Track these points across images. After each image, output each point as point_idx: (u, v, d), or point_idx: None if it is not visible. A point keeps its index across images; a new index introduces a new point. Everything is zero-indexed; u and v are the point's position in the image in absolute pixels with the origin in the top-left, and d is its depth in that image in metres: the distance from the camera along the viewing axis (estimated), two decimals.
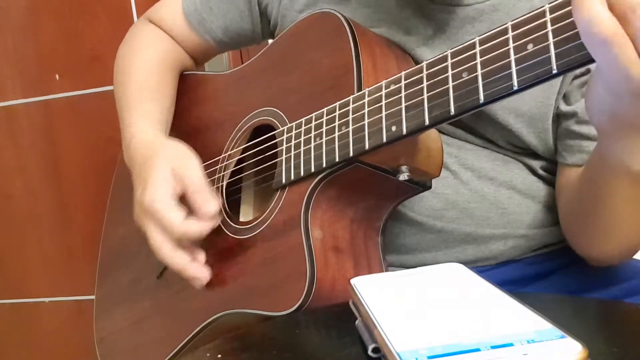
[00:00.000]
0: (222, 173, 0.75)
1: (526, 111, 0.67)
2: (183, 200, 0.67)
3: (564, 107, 0.67)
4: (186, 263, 0.66)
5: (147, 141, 0.74)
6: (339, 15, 0.66)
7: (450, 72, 0.51)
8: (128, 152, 0.76)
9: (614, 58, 0.40)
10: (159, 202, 0.65)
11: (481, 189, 0.70)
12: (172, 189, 0.66)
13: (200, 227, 0.65)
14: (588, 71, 0.66)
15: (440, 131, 0.65)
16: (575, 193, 0.65)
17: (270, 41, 0.80)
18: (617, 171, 0.54)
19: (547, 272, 0.73)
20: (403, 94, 0.55)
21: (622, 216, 0.59)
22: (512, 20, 0.47)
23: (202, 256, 0.68)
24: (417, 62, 0.69)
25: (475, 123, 0.69)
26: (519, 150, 0.70)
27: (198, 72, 0.89)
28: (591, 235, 0.64)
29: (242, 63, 0.80)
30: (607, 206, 0.59)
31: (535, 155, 0.71)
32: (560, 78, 0.66)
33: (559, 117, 0.68)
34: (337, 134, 0.60)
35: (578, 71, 0.66)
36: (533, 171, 0.72)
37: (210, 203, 0.65)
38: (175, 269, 0.67)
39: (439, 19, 0.68)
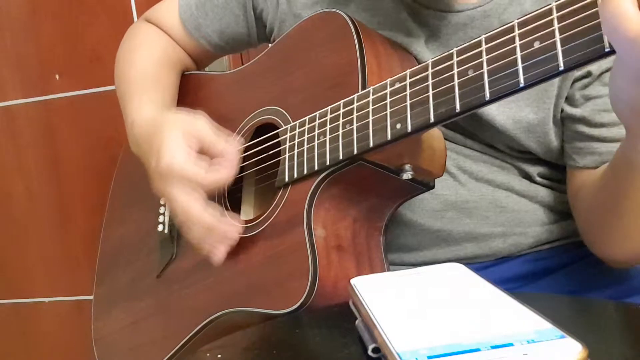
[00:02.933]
0: None
1: (524, 117, 0.67)
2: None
3: (570, 110, 0.67)
4: (218, 219, 0.64)
5: (149, 119, 0.73)
6: (344, 15, 0.66)
7: (455, 70, 0.51)
8: (133, 136, 0.75)
9: (638, 54, 0.40)
10: (178, 161, 0.64)
11: (479, 189, 0.71)
12: (188, 148, 0.64)
13: (226, 171, 0.63)
14: (589, 74, 0.66)
15: None
16: (595, 194, 0.65)
17: (268, 45, 0.80)
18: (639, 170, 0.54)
19: (548, 269, 0.73)
20: (408, 91, 0.55)
21: None
22: (519, 18, 0.48)
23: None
24: (419, 64, 0.69)
25: (474, 128, 0.69)
26: (519, 155, 0.70)
27: (200, 72, 0.89)
28: (612, 236, 0.64)
29: (242, 64, 0.80)
30: (630, 206, 0.59)
31: (534, 160, 0.71)
32: (556, 82, 0.66)
33: (565, 121, 0.68)
34: (341, 131, 0.60)
35: (577, 74, 0.66)
36: (530, 179, 0.72)
37: (231, 145, 0.64)
38: (205, 227, 0.64)
39: (432, 24, 0.69)
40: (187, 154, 0.64)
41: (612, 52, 0.42)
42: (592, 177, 0.66)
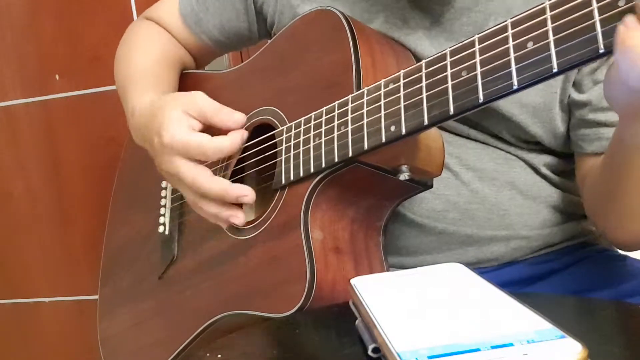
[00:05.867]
0: (223, 173, 0.75)
1: (530, 101, 0.66)
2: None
3: (576, 96, 0.67)
4: (228, 185, 0.65)
5: (148, 104, 0.74)
6: (338, 13, 0.65)
7: (449, 71, 0.51)
8: (134, 124, 0.75)
9: None
10: (179, 134, 0.64)
11: (482, 190, 0.70)
12: (189, 124, 0.65)
13: (230, 140, 0.64)
14: None
15: (442, 128, 0.65)
16: (598, 179, 0.65)
17: (268, 41, 0.80)
18: (635, 151, 0.54)
19: (549, 272, 0.73)
20: (402, 93, 0.55)
21: None
22: (512, 18, 0.47)
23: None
24: (416, 55, 0.68)
25: (479, 116, 0.68)
26: (524, 144, 0.70)
27: (197, 71, 0.89)
28: (617, 219, 0.64)
29: (242, 62, 0.80)
30: (629, 187, 0.59)
31: (539, 150, 0.71)
32: None
33: (571, 107, 0.68)
34: (336, 133, 0.60)
35: None
36: (536, 170, 0.71)
37: (235, 114, 0.65)
38: (217, 194, 0.65)
39: (434, 10, 0.68)
40: (189, 127, 0.65)
41: (607, 53, 0.42)
42: (599, 163, 0.66)
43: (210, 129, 0.67)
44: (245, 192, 0.65)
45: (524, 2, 0.63)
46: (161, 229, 0.81)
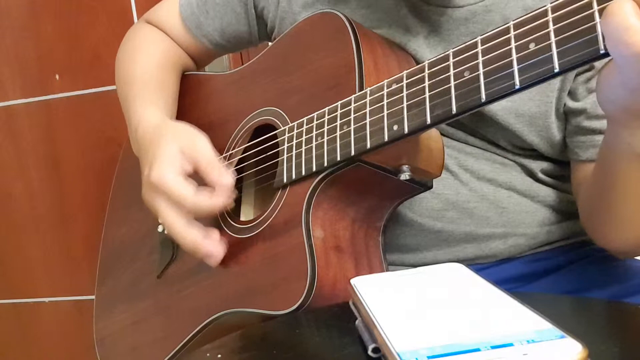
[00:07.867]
0: None
1: (526, 110, 0.67)
2: (193, 177, 0.66)
3: (572, 104, 0.67)
4: (200, 239, 0.64)
5: (153, 125, 0.74)
6: (341, 15, 0.66)
7: (452, 71, 0.51)
8: (135, 138, 0.76)
9: None
10: (168, 177, 0.64)
11: (480, 189, 0.71)
12: (181, 166, 0.65)
13: (212, 201, 0.63)
14: (592, 67, 0.66)
15: (440, 133, 0.65)
16: (590, 186, 0.65)
17: (269, 43, 0.80)
18: (626, 155, 0.54)
19: (547, 270, 0.73)
20: (405, 93, 0.55)
21: (637, 202, 0.59)
22: (514, 20, 0.48)
23: (215, 234, 0.66)
24: (417, 62, 0.69)
25: (476, 124, 0.69)
26: (520, 151, 0.70)
27: (199, 72, 0.89)
28: (610, 226, 0.64)
29: (242, 64, 0.80)
30: (620, 193, 0.59)
31: (536, 156, 0.71)
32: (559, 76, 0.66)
33: (567, 115, 0.68)
34: (338, 133, 0.60)
35: (581, 67, 0.66)
36: (533, 175, 0.72)
37: (225, 176, 0.63)
38: (188, 247, 0.65)
39: (432, 20, 0.68)
40: (179, 172, 0.64)
41: (607, 54, 0.42)
42: (592, 171, 0.66)
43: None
44: (214, 254, 0.65)
45: (523, 13, 0.64)
46: (160, 228, 0.81)
